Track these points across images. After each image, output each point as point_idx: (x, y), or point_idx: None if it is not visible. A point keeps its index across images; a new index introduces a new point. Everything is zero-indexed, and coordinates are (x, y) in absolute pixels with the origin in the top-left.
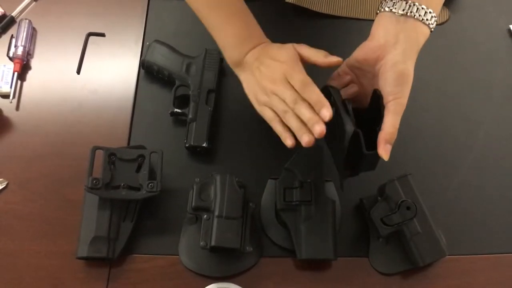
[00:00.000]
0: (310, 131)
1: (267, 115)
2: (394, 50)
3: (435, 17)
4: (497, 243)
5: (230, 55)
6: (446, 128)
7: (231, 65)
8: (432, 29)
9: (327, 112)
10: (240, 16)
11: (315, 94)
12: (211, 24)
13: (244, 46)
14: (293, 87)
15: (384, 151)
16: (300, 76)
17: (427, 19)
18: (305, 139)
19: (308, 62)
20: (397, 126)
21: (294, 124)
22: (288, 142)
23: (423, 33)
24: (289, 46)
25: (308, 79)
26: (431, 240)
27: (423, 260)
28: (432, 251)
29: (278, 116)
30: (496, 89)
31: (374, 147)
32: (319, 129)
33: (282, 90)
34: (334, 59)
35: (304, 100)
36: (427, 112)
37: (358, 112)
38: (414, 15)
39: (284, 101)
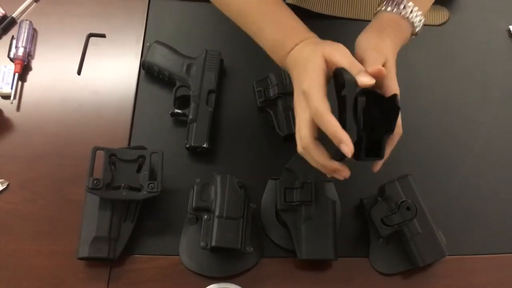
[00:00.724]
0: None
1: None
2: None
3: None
4: (498, 243)
5: (274, 58)
6: (446, 128)
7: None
8: (406, 15)
9: (346, 148)
10: (275, 17)
11: (330, 127)
12: (249, 31)
13: (282, 49)
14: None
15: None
16: (314, 104)
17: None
18: (344, 173)
19: None
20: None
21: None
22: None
23: (392, 20)
24: (318, 54)
25: (322, 107)
26: (431, 241)
27: (423, 260)
28: (432, 251)
29: None
30: (496, 90)
31: (375, 150)
32: (347, 149)
33: (299, 123)
34: (366, 81)
35: (315, 146)
36: (427, 112)
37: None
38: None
39: None
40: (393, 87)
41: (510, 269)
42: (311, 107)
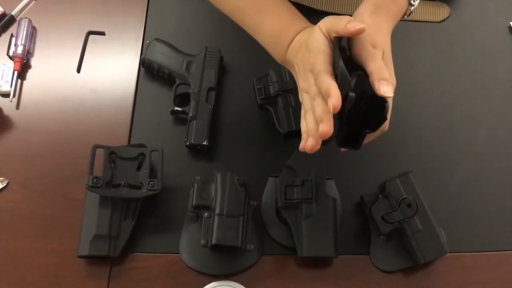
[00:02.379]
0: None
1: (301, 113)
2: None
3: None
4: (498, 240)
5: (273, 54)
6: (446, 125)
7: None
8: None
9: (331, 102)
10: (271, 11)
11: (324, 83)
12: (247, 28)
13: (280, 43)
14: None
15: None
16: (317, 67)
17: None
18: (309, 144)
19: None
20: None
21: (309, 124)
22: (301, 144)
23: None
24: (316, 31)
25: (323, 68)
26: (432, 238)
27: (424, 257)
28: (433, 248)
29: None
30: (497, 86)
31: (354, 139)
32: (321, 128)
33: (309, 87)
34: (353, 27)
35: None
36: (427, 109)
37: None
38: None
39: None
40: (391, 77)
41: (510, 266)
42: (315, 71)
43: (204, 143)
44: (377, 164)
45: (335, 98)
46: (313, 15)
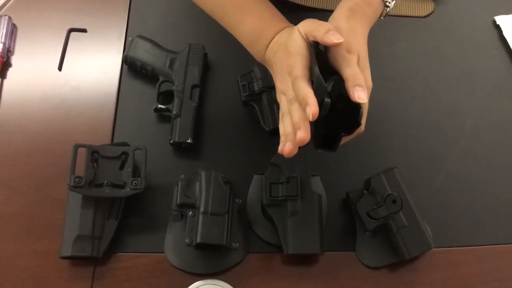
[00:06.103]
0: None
1: (279, 115)
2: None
3: None
4: (483, 235)
5: (252, 52)
6: (431, 120)
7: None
8: None
9: (310, 110)
10: (251, 10)
11: (301, 89)
12: (227, 25)
13: (260, 42)
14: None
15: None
16: (295, 71)
17: None
18: (287, 148)
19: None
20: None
21: (286, 127)
22: (279, 147)
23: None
24: (295, 33)
25: (300, 73)
26: (417, 233)
27: (409, 253)
28: (418, 244)
29: None
30: (481, 81)
31: (330, 141)
32: (299, 135)
33: (286, 89)
34: (331, 40)
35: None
36: (412, 104)
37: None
38: None
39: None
40: (367, 81)
41: (495, 260)
42: (293, 75)
43: (188, 141)
44: (362, 160)
45: (314, 107)
46: (297, 11)
